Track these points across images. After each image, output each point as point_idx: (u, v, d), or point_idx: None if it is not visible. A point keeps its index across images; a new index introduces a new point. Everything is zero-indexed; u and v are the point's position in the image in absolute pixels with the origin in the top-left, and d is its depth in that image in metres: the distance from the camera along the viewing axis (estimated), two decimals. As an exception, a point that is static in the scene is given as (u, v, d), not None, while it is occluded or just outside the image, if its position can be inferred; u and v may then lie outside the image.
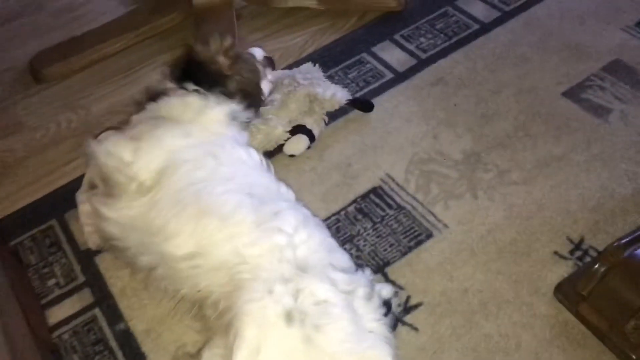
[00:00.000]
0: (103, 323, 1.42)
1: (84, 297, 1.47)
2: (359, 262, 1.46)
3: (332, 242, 1.30)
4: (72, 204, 1.54)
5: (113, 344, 1.39)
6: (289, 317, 1.12)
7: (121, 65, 2.01)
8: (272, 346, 1.11)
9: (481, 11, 2.03)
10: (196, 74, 1.44)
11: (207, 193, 1.27)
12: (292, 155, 1.70)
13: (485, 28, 1.98)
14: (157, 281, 1.31)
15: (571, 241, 1.47)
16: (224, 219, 1.24)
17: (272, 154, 1.67)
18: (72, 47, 2.01)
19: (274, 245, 1.21)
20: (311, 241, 1.24)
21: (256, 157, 1.41)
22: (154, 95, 1.46)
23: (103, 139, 1.41)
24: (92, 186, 1.43)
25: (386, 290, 1.29)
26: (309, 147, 1.71)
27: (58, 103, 1.92)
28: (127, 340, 1.39)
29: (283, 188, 1.37)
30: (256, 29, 2.08)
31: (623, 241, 1.30)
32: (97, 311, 1.44)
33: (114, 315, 1.43)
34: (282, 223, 1.24)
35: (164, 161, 1.31)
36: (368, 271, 1.29)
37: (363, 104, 1.80)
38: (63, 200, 1.64)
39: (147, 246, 1.29)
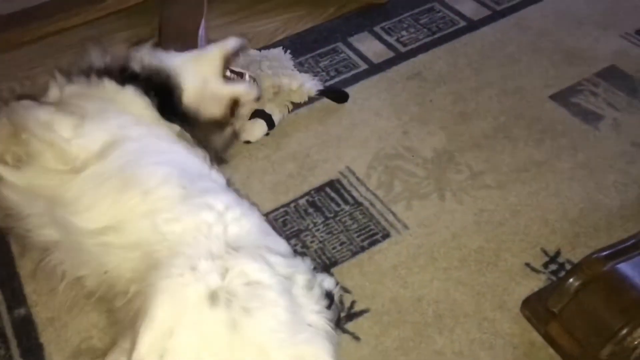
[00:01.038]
0: (2, 307, 1.24)
1: (-14, 278, 1.30)
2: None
3: (268, 227, 1.15)
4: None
5: (9, 331, 1.21)
6: (213, 297, 0.96)
7: (78, 39, 1.86)
8: (188, 329, 0.95)
9: (470, 9, 1.88)
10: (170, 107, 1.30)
11: (133, 164, 1.12)
12: (247, 142, 1.53)
13: (473, 26, 1.83)
14: (51, 265, 1.13)
15: (546, 253, 1.29)
16: (147, 193, 1.08)
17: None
18: (28, 17, 1.87)
19: (201, 222, 1.06)
20: (245, 221, 1.10)
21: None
22: (88, 71, 1.29)
23: (27, 106, 1.24)
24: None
25: (328, 282, 1.14)
26: (267, 134, 1.54)
27: (3, 72, 1.78)
28: (26, 328, 1.21)
29: (215, 174, 1.23)
30: (227, 12, 1.94)
31: (604, 253, 1.12)
32: (-3, 293, 1.27)
33: (17, 299, 1.25)
34: (212, 200, 1.10)
35: (106, 143, 1.15)
36: (308, 260, 1.14)
37: (336, 94, 1.63)
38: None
39: (52, 217, 1.12)
